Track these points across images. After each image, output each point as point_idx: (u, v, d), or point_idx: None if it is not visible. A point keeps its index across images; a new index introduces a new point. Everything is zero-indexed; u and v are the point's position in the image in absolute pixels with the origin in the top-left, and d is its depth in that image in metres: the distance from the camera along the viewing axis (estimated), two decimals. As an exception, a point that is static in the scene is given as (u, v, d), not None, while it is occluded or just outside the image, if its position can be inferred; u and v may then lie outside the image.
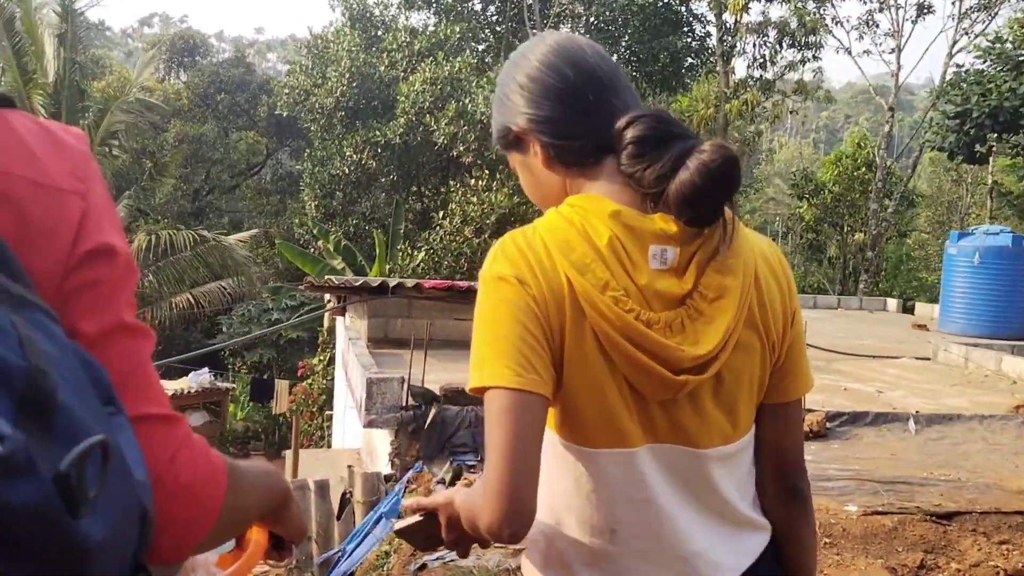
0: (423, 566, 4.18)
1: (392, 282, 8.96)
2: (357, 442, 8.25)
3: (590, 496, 1.16)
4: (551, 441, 1.16)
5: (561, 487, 1.18)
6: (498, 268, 1.12)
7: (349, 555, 5.59)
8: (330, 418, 12.76)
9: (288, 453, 8.65)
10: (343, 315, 10.46)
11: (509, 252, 1.13)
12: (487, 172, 16.41)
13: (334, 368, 12.67)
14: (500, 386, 1.05)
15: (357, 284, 9.15)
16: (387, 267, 15.99)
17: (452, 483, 5.40)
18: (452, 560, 4.14)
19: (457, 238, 15.93)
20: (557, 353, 1.10)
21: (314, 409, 13.90)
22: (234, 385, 17.47)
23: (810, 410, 6.20)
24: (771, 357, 1.20)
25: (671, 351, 1.10)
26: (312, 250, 18.33)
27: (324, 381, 13.94)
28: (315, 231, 17.71)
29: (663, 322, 1.11)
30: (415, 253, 16.21)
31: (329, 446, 11.94)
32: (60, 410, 0.56)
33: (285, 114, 22.21)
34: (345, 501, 6.07)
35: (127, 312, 0.75)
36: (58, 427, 0.56)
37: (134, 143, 20.92)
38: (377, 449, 6.86)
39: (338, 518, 6.03)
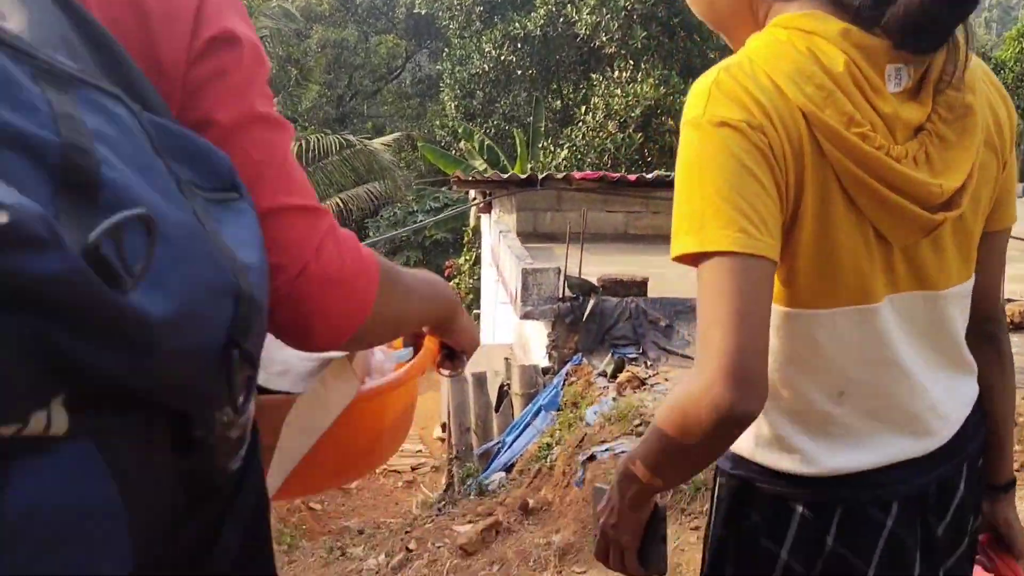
0: (592, 457, 4.01)
1: (541, 174, 8.69)
2: (509, 337, 8.18)
3: (816, 362, 1.02)
4: None
5: (778, 357, 1.03)
6: (719, 110, 0.92)
7: (509, 446, 5.54)
8: (477, 316, 12.85)
9: (442, 347, 8.69)
10: (489, 212, 10.34)
11: (730, 90, 0.93)
12: (631, 63, 15.70)
13: (480, 268, 12.68)
14: (727, 251, 0.89)
15: (505, 177, 8.94)
16: (528, 167, 15.72)
17: (613, 376, 5.19)
18: (623, 452, 3.94)
19: (600, 134, 15.40)
20: (791, 209, 0.95)
21: (462, 308, 14.02)
22: (384, 287, 17.86)
23: (1009, 300, 5.61)
24: (999, 179, 1.09)
25: (926, 187, 0.96)
26: (454, 152, 18.28)
27: (470, 280, 14.01)
28: (459, 130, 17.58)
29: (909, 155, 0.96)
30: (557, 151, 15.85)
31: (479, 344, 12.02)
32: (105, 186, 0.54)
33: (423, 12, 21.96)
34: (503, 393, 6.00)
35: (261, 103, 0.73)
36: (103, 203, 0.54)
37: (279, 50, 21.25)
38: (531, 342, 6.74)
39: (496, 410, 5.97)
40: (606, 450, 4.03)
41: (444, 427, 6.88)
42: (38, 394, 0.52)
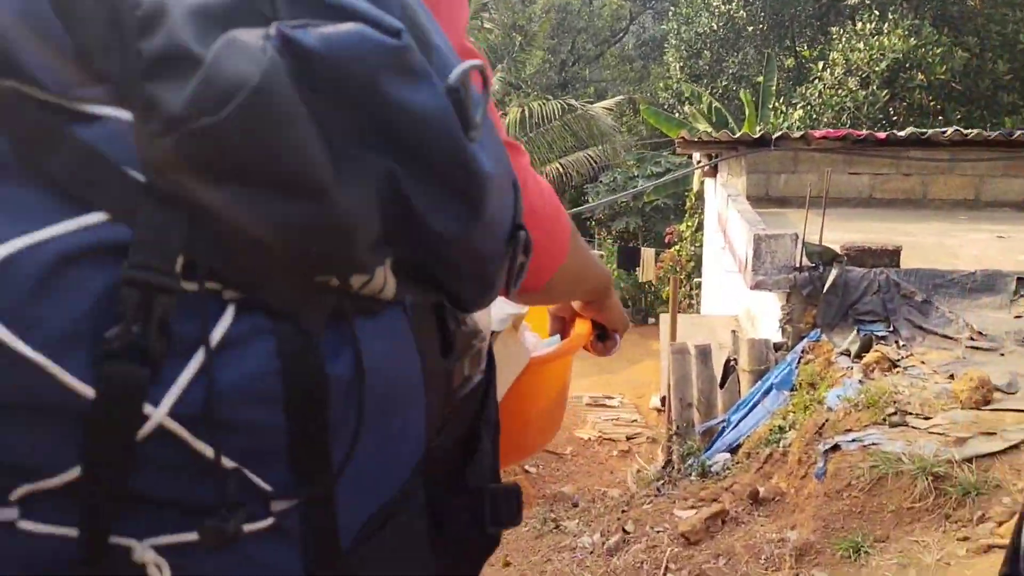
0: (836, 447, 3.56)
1: (775, 133, 8.05)
2: (735, 308, 7.68)
3: None
4: None
5: None
6: None
7: (734, 426, 5.13)
8: (699, 285, 12.34)
9: (664, 317, 8.34)
10: (714, 175, 9.82)
11: None
12: (876, 13, 14.37)
13: (702, 234, 12.15)
14: None
15: (735, 137, 8.38)
16: (757, 128, 14.84)
17: (858, 356, 4.64)
18: (874, 444, 3.46)
19: (839, 91, 14.25)
20: None
21: (682, 276, 13.53)
22: (601, 253, 17.70)
23: None
24: None
25: None
26: (677, 115, 17.67)
27: (692, 248, 13.48)
28: (687, 94, 16.95)
29: None
30: (789, 112, 14.86)
31: (698, 313, 11.54)
32: (435, 50, 0.53)
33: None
34: (729, 369, 5.58)
35: (466, 37, 0.73)
36: (436, 66, 0.53)
37: (505, 17, 21.41)
38: (760, 315, 6.24)
39: (721, 386, 5.57)
40: (853, 440, 3.56)
41: (663, 400, 6.54)
42: (380, 250, 0.52)
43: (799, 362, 4.96)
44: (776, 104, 15.46)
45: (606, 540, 3.74)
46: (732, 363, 5.57)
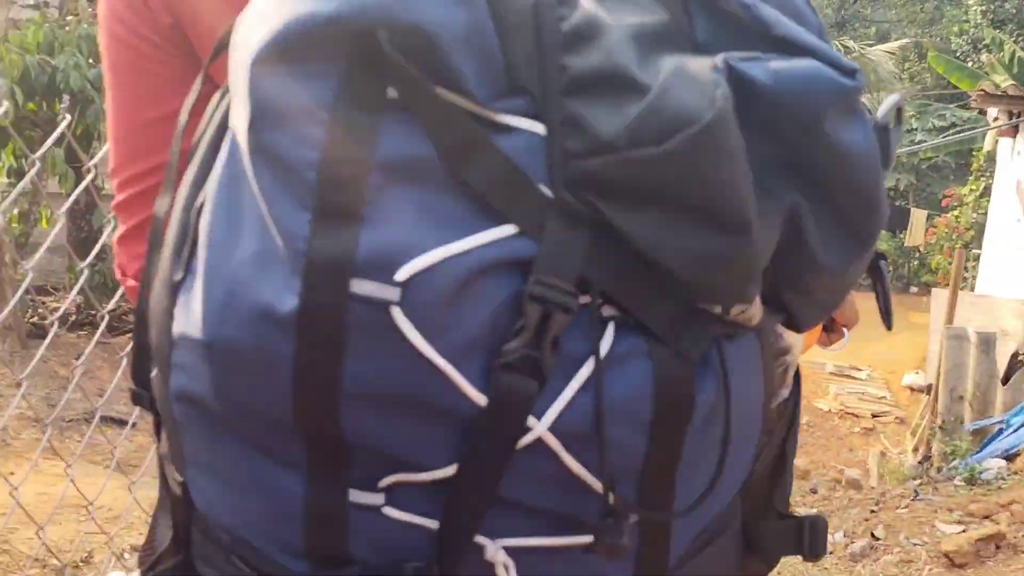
0: None
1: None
2: (1022, 291, 6.75)
3: None
4: None
5: None
6: None
7: (1014, 430, 4.50)
8: (976, 258, 11.08)
9: (937, 292, 7.51)
10: (1014, 136, 8.68)
11: None
12: None
13: (988, 200, 10.83)
14: None
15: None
16: (1070, 84, 12.94)
17: None
18: None
19: None
20: None
21: (957, 246, 12.21)
22: (863, 210, 16.49)
23: None
24: None
25: None
26: (971, 63, 15.82)
27: (974, 215, 12.10)
28: (987, 41, 15.12)
29: None
30: (1114, 67, 12.82)
31: (972, 290, 10.35)
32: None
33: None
34: (1015, 364, 4.87)
35: None
36: None
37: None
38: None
39: (1003, 382, 4.88)
40: None
41: (929, 388, 5.88)
42: (758, 280, 0.51)
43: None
44: (1098, 58, 13.43)
45: (851, 542, 3.37)
46: (1021, 357, 4.86)
